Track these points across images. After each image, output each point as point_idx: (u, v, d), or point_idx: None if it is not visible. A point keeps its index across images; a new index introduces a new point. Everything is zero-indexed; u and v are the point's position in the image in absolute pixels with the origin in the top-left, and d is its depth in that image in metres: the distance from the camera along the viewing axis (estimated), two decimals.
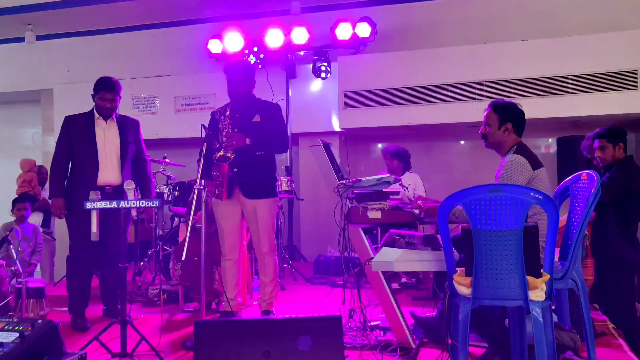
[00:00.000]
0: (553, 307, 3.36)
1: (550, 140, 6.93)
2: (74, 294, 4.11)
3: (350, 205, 3.07)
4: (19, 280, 3.90)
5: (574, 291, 2.95)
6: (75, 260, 4.10)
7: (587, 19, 6.30)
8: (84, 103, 4.27)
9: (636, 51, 5.75)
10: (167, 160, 5.95)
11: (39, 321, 2.34)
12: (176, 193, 5.37)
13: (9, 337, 2.24)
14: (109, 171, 4.13)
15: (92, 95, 4.19)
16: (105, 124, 4.20)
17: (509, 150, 3.13)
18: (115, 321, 3.12)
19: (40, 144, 8.73)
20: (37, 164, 7.21)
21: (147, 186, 4.38)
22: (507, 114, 3.16)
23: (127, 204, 3.07)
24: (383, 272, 3.24)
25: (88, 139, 4.11)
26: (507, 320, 3.10)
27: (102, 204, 3.07)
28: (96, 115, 4.19)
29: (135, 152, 4.31)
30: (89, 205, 3.07)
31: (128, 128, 4.29)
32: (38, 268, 6.21)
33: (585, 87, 5.92)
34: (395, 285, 5.20)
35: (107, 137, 4.17)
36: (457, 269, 2.69)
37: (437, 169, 7.07)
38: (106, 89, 4.13)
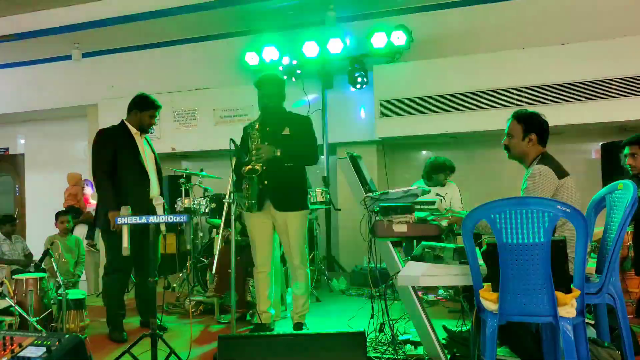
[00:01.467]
0: (592, 322, 3.24)
1: (594, 145, 6.70)
2: (111, 307, 4.21)
3: (375, 219, 3.04)
4: (60, 292, 4.03)
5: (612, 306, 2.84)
6: (113, 274, 4.19)
7: (629, 21, 6.07)
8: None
9: None
10: (203, 172, 6.04)
11: (66, 336, 2.41)
12: (213, 205, 5.44)
13: (37, 352, 2.32)
14: (154, 185, 4.26)
15: (134, 111, 4.28)
16: (141, 139, 4.32)
17: (533, 161, 3.04)
18: (146, 335, 3.17)
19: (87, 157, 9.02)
20: (84, 178, 7.46)
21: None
22: (530, 125, 3.08)
23: (157, 219, 3.13)
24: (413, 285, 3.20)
25: (134, 154, 4.20)
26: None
27: (133, 219, 3.13)
28: (133, 130, 4.28)
29: None
30: (120, 220, 3.14)
31: (151, 142, 4.46)
32: (84, 277, 6.41)
33: (630, 90, 5.69)
34: (432, 297, 5.12)
35: (145, 151, 4.30)
36: (483, 284, 2.63)
37: (478, 178, 6.91)
38: (155, 107, 4.30)
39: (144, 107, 4.27)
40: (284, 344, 2.56)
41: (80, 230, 6.65)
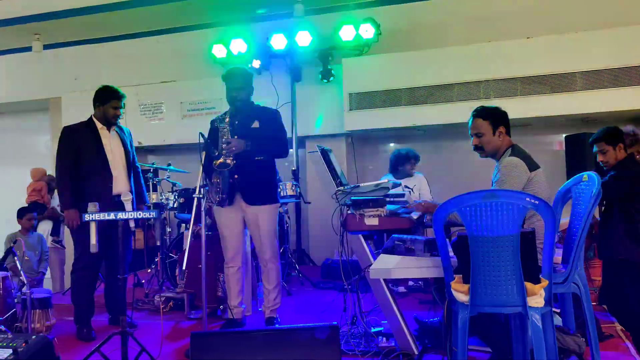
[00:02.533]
0: (558, 311, 3.31)
1: (558, 137, 6.84)
2: (79, 305, 4.13)
3: (347, 212, 3.04)
4: (24, 291, 3.92)
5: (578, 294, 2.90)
6: (81, 272, 4.11)
7: (594, 15, 6.20)
8: (92, 110, 4.28)
9: None
10: (171, 166, 5.96)
11: (33, 337, 2.34)
12: (181, 200, 5.38)
13: (3, 354, 2.25)
14: (120, 181, 4.16)
15: (97, 104, 4.20)
16: (109, 133, 4.22)
17: (504, 153, 3.08)
18: (116, 333, 3.12)
19: (50, 152, 8.80)
20: (47, 173, 7.28)
21: (144, 194, 4.46)
22: (497, 118, 3.11)
23: (125, 216, 3.07)
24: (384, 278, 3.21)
25: (97, 150, 4.11)
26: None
27: (100, 216, 3.07)
28: (99, 125, 4.19)
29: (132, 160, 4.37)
30: (87, 217, 3.07)
31: (126, 137, 4.34)
32: (48, 275, 6.27)
33: (593, 83, 5.83)
34: (402, 289, 5.16)
35: (113, 146, 4.20)
36: (454, 275, 2.65)
37: (446, 170, 6.99)
38: (117, 97, 4.18)
39: (105, 99, 4.17)
40: (257, 340, 2.55)
41: (45, 227, 6.50)
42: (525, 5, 6.52)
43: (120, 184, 4.15)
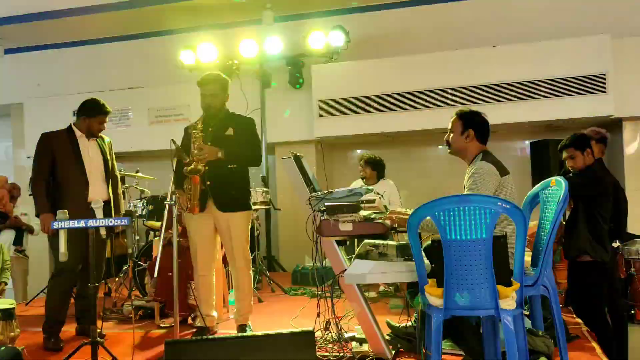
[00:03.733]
0: (527, 313, 3.39)
1: (523, 143, 7.00)
2: (53, 313, 4.03)
3: (322, 218, 3.05)
4: None
5: (546, 296, 2.97)
6: (60, 277, 4.03)
7: (557, 25, 6.39)
8: (56, 116, 4.23)
9: (604, 56, 5.83)
10: (140, 173, 5.88)
11: (2, 348, 2.28)
12: (150, 207, 5.31)
13: None
14: (97, 188, 4.11)
15: (82, 116, 4.15)
16: (88, 142, 4.19)
17: (475, 158, 3.14)
18: (86, 343, 3.05)
19: (12, 159, 8.58)
20: (10, 181, 7.08)
21: (119, 202, 4.39)
22: (469, 121, 3.20)
23: (96, 223, 3.02)
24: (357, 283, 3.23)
25: (75, 158, 4.09)
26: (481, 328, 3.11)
27: (70, 224, 3.01)
28: (78, 133, 4.17)
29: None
30: (56, 225, 3.00)
31: (105, 146, 4.32)
32: (10, 286, 6.09)
33: (556, 91, 5.99)
34: (373, 294, 5.19)
35: (91, 155, 4.18)
36: (428, 279, 2.69)
37: (414, 176, 7.08)
38: (104, 113, 4.18)
39: (92, 113, 4.15)
40: (232, 347, 2.53)
41: (7, 236, 6.31)
42: (491, 15, 6.68)
43: (97, 191, 4.10)
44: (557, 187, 2.98)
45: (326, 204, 3.02)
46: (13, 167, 8.31)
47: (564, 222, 4.13)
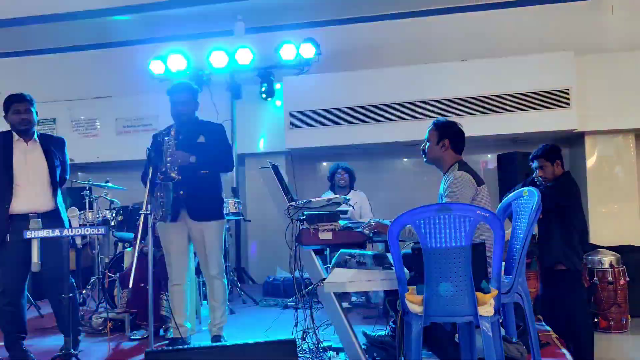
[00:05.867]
0: (500, 320, 3.46)
1: (490, 156, 7.15)
2: (7, 330, 3.82)
3: (301, 227, 3.07)
4: None
5: (519, 304, 3.04)
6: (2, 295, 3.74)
7: (523, 41, 6.59)
8: None
9: (568, 71, 6.03)
10: (109, 183, 5.78)
11: None
12: (120, 218, 5.22)
13: None
14: (32, 198, 3.76)
15: (4, 116, 3.85)
16: (27, 145, 3.85)
17: (451, 168, 3.21)
18: (58, 355, 2.98)
19: None
20: None
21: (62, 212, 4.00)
22: (445, 131, 3.28)
23: (72, 232, 2.96)
24: (335, 292, 3.25)
25: (3, 164, 3.75)
26: (457, 335, 3.16)
27: (44, 233, 2.94)
28: (15, 137, 3.84)
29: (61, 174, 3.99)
30: (29, 234, 2.93)
31: (53, 148, 3.95)
32: None
33: (522, 105, 6.15)
34: (345, 304, 5.21)
35: (29, 160, 3.82)
36: (408, 287, 2.72)
37: (382, 187, 7.15)
38: (13, 101, 3.82)
39: (7, 108, 3.83)
40: (215, 355, 2.50)
41: None
42: (460, 30, 6.84)
43: (31, 201, 3.76)
44: (529, 196, 3.07)
45: (306, 212, 3.03)
46: None
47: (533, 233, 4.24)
